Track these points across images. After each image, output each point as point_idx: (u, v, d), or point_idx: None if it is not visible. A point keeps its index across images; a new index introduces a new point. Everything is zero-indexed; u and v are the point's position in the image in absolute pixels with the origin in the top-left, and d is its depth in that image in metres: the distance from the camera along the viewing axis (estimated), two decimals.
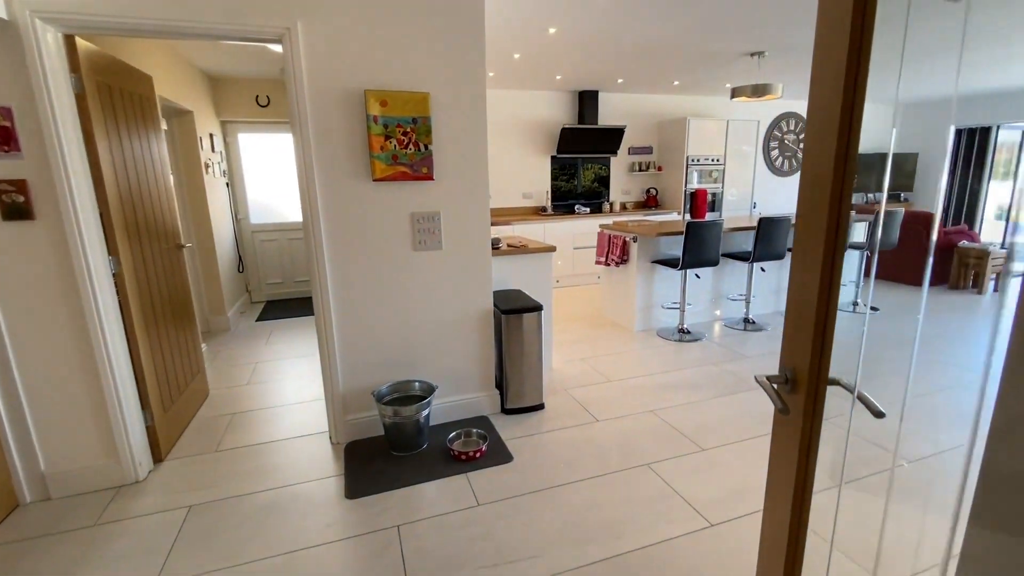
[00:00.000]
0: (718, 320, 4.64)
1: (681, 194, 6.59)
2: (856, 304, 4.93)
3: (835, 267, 0.79)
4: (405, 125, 2.39)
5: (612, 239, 4.44)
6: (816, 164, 0.82)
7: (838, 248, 0.79)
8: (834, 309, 0.83)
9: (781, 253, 4.19)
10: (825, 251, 0.79)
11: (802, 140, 7.11)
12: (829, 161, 0.79)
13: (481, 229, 2.64)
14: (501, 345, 2.81)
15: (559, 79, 5.54)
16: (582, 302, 5.43)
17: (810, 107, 0.84)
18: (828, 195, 0.79)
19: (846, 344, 1.36)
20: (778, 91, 4.45)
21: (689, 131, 6.38)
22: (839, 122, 0.76)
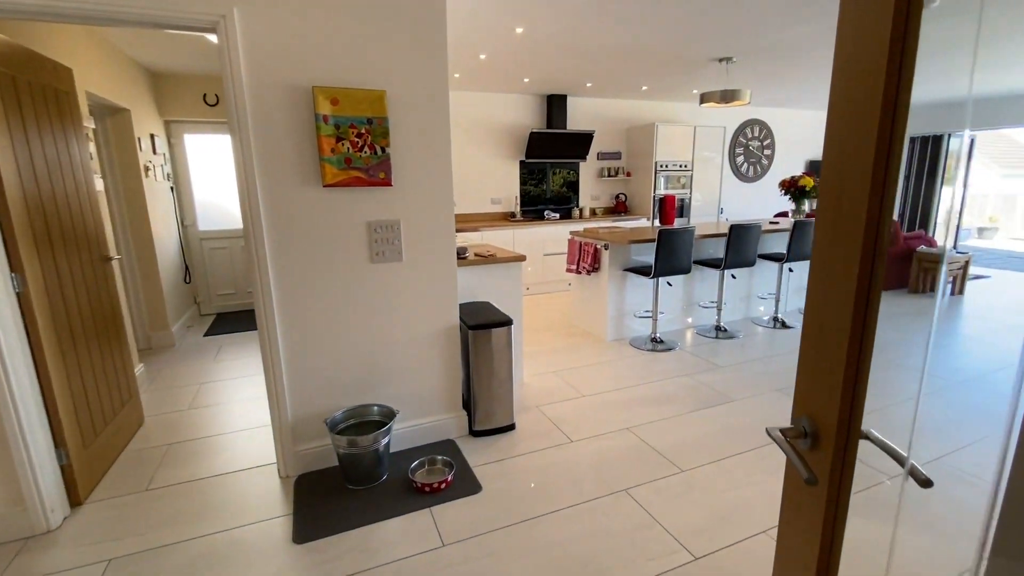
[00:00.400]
0: (690, 328, 4.57)
1: (650, 200, 6.55)
2: None
3: (872, 292, 0.64)
4: (359, 126, 2.18)
5: (583, 247, 4.31)
6: (844, 161, 0.67)
7: (876, 268, 0.64)
8: (870, 346, 0.68)
9: (752, 260, 4.15)
10: (860, 272, 0.64)
11: (767, 147, 7.20)
12: (866, 154, 0.63)
13: (445, 238, 2.45)
14: (469, 363, 2.62)
15: (527, 82, 5.41)
16: (553, 310, 5.28)
17: (836, 80, 0.70)
18: (865, 199, 0.64)
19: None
20: (746, 97, 4.43)
21: (657, 137, 6.36)
22: (883, 96, 0.61)
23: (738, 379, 3.40)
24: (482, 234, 5.57)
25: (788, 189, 5.06)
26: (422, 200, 2.36)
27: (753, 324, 4.69)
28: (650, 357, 3.85)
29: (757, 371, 3.54)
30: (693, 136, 6.60)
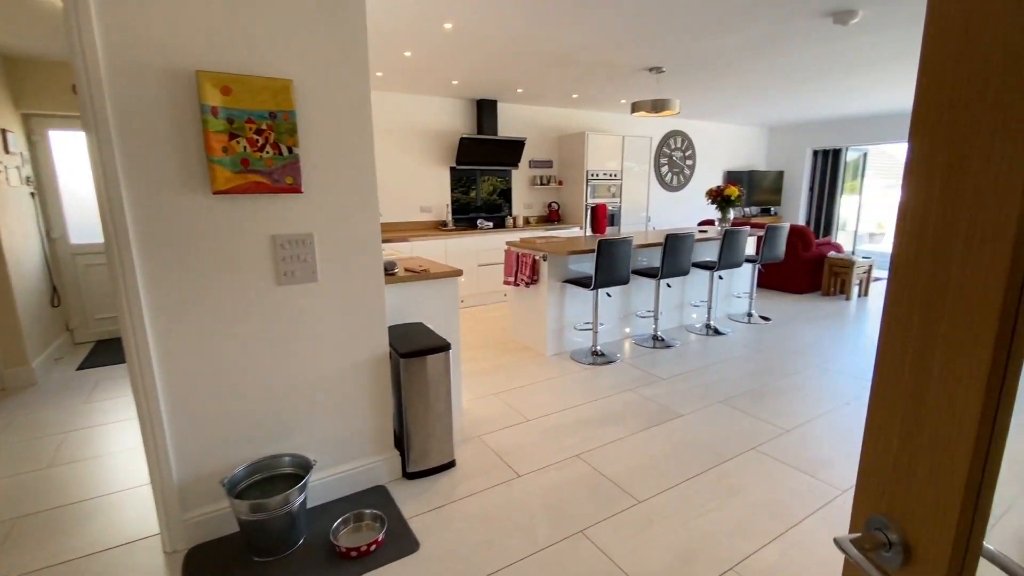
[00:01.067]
0: (628, 338, 4.51)
1: (582, 208, 6.52)
2: (751, 315, 5.11)
3: (1009, 372, 0.44)
4: (259, 120, 1.81)
5: (521, 258, 4.10)
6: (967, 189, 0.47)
7: (1017, 339, 0.44)
8: (1001, 443, 0.47)
9: (686, 269, 4.15)
10: (998, 341, 0.44)
11: (688, 157, 7.43)
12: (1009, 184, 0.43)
13: (370, 253, 2.12)
14: (401, 395, 2.29)
15: (456, 85, 5.15)
16: (490, 324, 5.03)
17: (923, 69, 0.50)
18: (1009, 246, 0.43)
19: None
20: (676, 107, 4.46)
21: (588, 146, 6.34)
22: None
23: (682, 392, 3.33)
24: (411, 244, 5.21)
25: (715, 198, 5.18)
26: (340, 209, 2.02)
27: (687, 332, 4.72)
28: (593, 372, 3.70)
29: (698, 382, 3.49)
30: (622, 146, 6.67)
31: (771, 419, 2.94)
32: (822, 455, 2.55)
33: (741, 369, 3.73)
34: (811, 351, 4.12)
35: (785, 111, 7.22)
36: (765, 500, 2.18)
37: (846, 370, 3.70)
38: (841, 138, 8.33)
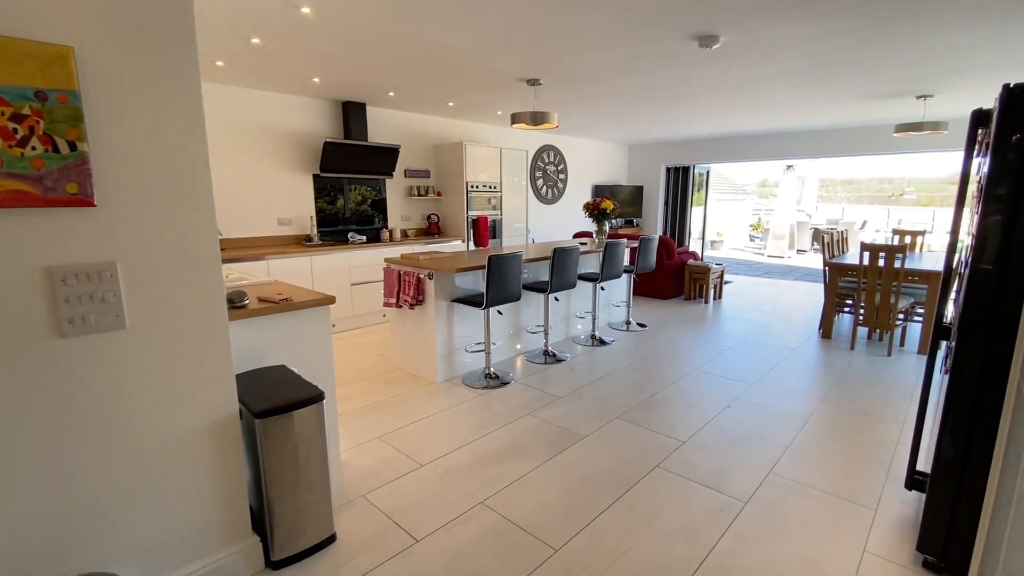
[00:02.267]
0: (519, 355, 4.35)
1: (463, 221, 6.28)
2: (629, 323, 5.30)
3: None
4: (19, 102, 1.24)
5: (403, 276, 3.70)
6: None
7: None
8: None
9: (573, 282, 4.12)
10: None
11: (561, 171, 7.61)
12: None
13: (207, 284, 1.61)
14: (259, 464, 1.79)
15: (318, 83, 4.58)
16: (368, 351, 4.52)
17: None
18: None
19: None
20: (555, 120, 4.45)
21: (466, 156, 6.13)
22: None
23: (579, 410, 3.23)
24: (268, 263, 4.49)
25: (592, 211, 5.30)
26: (159, 228, 1.49)
27: (574, 343, 4.71)
28: (488, 397, 3.45)
29: (594, 397, 3.43)
30: (500, 158, 6.59)
31: (666, 431, 2.95)
32: (719, 465, 2.58)
33: (629, 380, 3.77)
34: (685, 355, 4.34)
35: (645, 130, 7.80)
36: (678, 526, 2.11)
37: (717, 372, 3.94)
38: (689, 156, 9.27)
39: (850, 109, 5.92)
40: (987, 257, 1.62)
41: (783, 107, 5.81)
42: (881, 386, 3.65)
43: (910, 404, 3.34)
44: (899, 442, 2.84)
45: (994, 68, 4.07)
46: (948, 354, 1.98)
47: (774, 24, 3.05)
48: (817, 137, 7.83)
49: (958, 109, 5.83)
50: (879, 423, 3.06)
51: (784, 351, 4.49)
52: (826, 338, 4.90)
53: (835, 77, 4.38)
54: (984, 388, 1.67)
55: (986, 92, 5.00)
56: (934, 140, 6.69)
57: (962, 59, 3.81)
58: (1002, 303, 1.60)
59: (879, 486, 2.40)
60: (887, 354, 4.38)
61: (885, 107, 5.75)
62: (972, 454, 1.73)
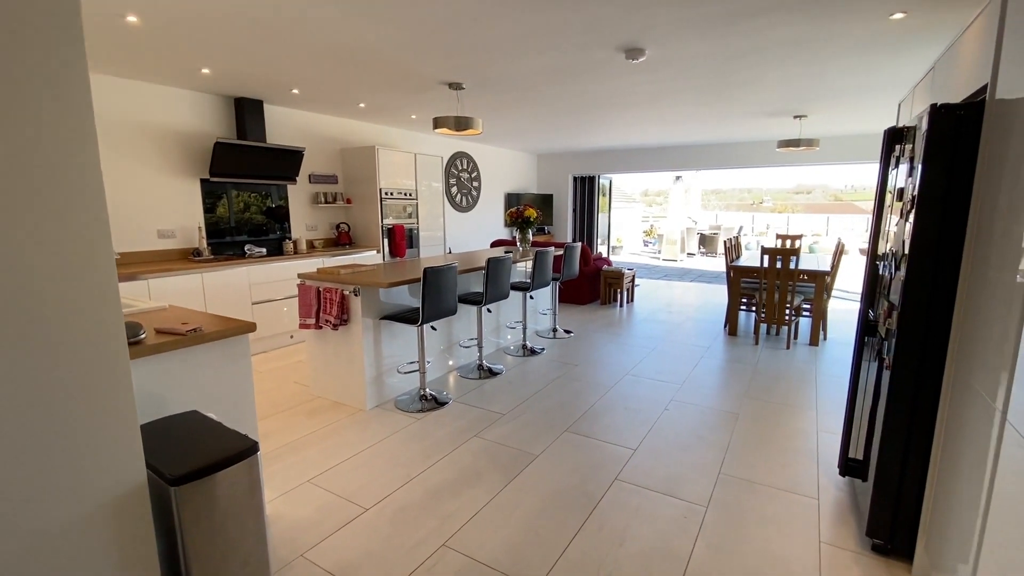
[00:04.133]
0: (453, 371, 4.12)
1: (378, 230, 5.89)
2: (555, 330, 5.31)
3: None
4: None
5: (323, 294, 3.32)
6: None
7: None
8: None
9: (506, 292, 4.00)
10: None
11: (475, 179, 7.51)
12: None
13: (103, 314, 1.22)
14: (177, 543, 1.41)
15: (207, 74, 3.99)
16: (281, 379, 4.00)
17: None
18: None
19: None
20: (479, 126, 4.31)
21: (379, 161, 5.77)
22: None
23: (526, 427, 3.10)
24: (149, 283, 3.80)
25: (516, 220, 5.24)
26: (22, 240, 1.10)
27: (505, 355, 4.59)
28: (427, 421, 3.19)
29: (538, 411, 3.33)
30: (415, 164, 6.30)
31: (616, 440, 2.93)
32: (672, 471, 2.60)
33: (568, 389, 3.73)
34: (614, 360, 4.43)
35: (555, 140, 7.96)
36: (651, 543, 2.06)
37: (647, 375, 4.05)
38: (595, 167, 9.66)
39: (740, 125, 6.53)
40: (924, 256, 1.76)
41: (686, 122, 6.24)
42: (789, 378, 3.98)
43: (815, 393, 3.67)
44: (817, 429, 3.09)
45: (853, 94, 4.69)
46: (880, 348, 2.16)
47: (693, 42, 3.21)
48: (710, 150, 8.56)
49: (825, 129, 6.69)
50: (797, 413, 3.32)
51: (699, 350, 4.76)
52: (732, 335, 5.30)
53: (733, 95, 4.77)
54: (922, 380, 1.82)
55: (846, 114, 5.78)
56: (808, 155, 7.63)
57: (831, 85, 4.33)
58: (937, 298, 1.76)
59: (814, 475, 2.57)
60: (786, 347, 4.83)
61: (768, 125, 6.42)
62: (913, 442, 1.88)
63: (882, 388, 2.07)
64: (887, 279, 2.11)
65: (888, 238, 2.16)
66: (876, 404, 2.24)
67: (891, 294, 2.00)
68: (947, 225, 1.71)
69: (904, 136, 2.10)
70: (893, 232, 2.08)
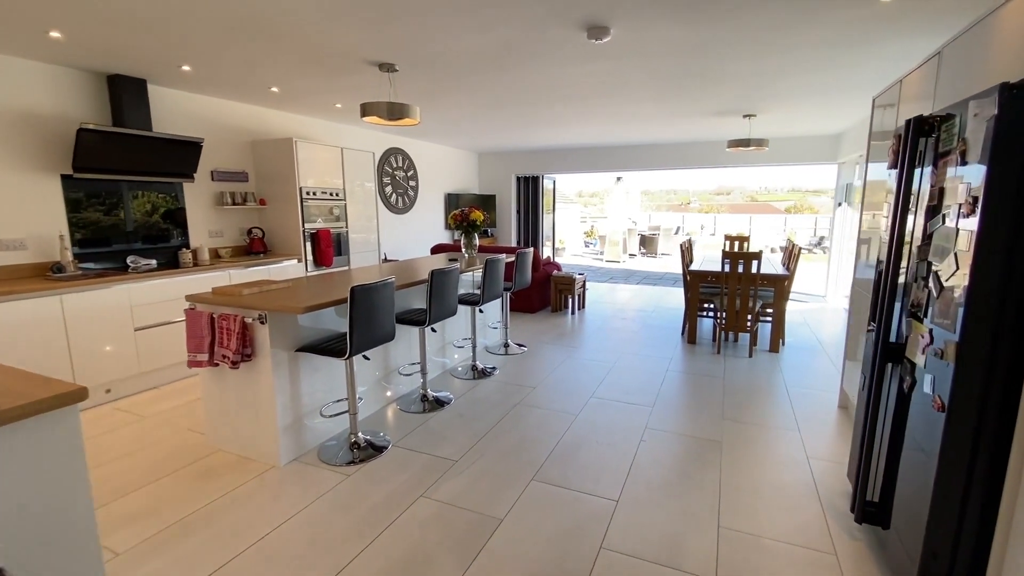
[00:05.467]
0: (391, 404, 3.49)
1: (299, 235, 5.10)
2: (507, 345, 4.79)
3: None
4: None
5: (219, 322, 2.58)
6: None
7: None
8: None
9: (454, 308, 3.43)
10: None
11: (411, 177, 6.85)
12: None
13: None
14: None
15: (59, 40, 3.10)
16: (169, 425, 3.19)
17: None
18: None
19: None
20: (416, 115, 3.70)
21: (298, 156, 4.98)
22: None
23: (485, 476, 2.56)
24: None
25: (459, 223, 4.68)
26: None
27: (453, 378, 4.02)
28: (360, 477, 2.56)
29: (497, 453, 2.79)
30: (342, 159, 5.54)
31: (593, 487, 2.46)
32: (667, 528, 2.16)
33: (529, 421, 3.22)
34: (574, 380, 3.98)
35: (497, 137, 7.45)
36: None
37: (613, 396, 3.63)
38: (539, 167, 9.26)
39: (690, 125, 6.33)
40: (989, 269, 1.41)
41: (635, 120, 5.94)
42: (761, 393, 3.71)
43: (792, 409, 3.41)
44: (807, 456, 2.78)
45: (812, 93, 4.55)
46: (906, 379, 1.82)
47: (663, 24, 2.80)
48: (656, 150, 8.39)
49: (772, 130, 6.64)
50: (781, 436, 3.01)
51: (662, 362, 4.42)
52: (691, 343, 5.03)
53: (689, 89, 4.47)
54: (985, 425, 1.47)
55: (795, 115, 5.70)
56: (756, 156, 7.63)
57: (795, 82, 4.13)
58: (1005, 322, 1.41)
59: (822, 520, 2.22)
60: (748, 355, 4.61)
61: (716, 124, 6.27)
62: (971, 503, 1.53)
63: (912, 426, 1.73)
64: (918, 295, 1.77)
65: (894, 244, 1.82)
66: (898, 443, 1.91)
67: (931, 314, 1.66)
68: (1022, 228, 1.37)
69: (933, 127, 1.76)
70: (910, 237, 1.74)
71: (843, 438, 2.99)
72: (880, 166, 2.93)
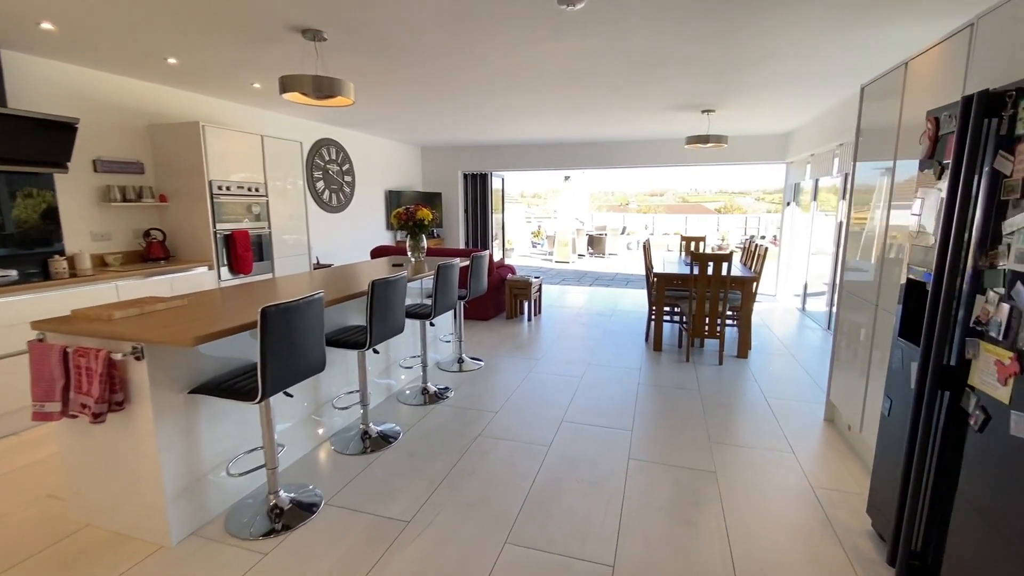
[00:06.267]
0: (323, 444, 2.87)
1: (209, 237, 4.30)
2: (462, 360, 4.26)
3: None
4: None
5: (75, 360, 1.88)
6: None
7: None
8: None
9: (400, 324, 2.87)
10: None
11: (347, 172, 6.15)
12: None
13: None
14: None
15: None
16: (25, 489, 2.40)
17: None
18: None
19: None
20: (350, 92, 3.10)
21: (207, 144, 4.19)
22: None
23: (447, 543, 2.03)
24: None
25: (405, 223, 4.08)
26: None
27: (400, 404, 3.45)
28: (281, 555, 1.95)
29: (459, 505, 2.27)
30: (262, 149, 4.78)
31: (580, 550, 1.99)
32: None
33: (495, 458, 2.72)
34: (540, 401, 3.52)
35: (442, 130, 6.88)
36: None
37: (586, 419, 3.21)
38: (487, 163, 8.75)
39: (646, 120, 6.05)
40: None
41: (590, 112, 5.58)
42: (742, 407, 3.42)
43: (780, 427, 3.13)
44: (811, 484, 2.47)
45: (771, 86, 4.36)
46: (974, 414, 1.49)
47: None
48: (607, 148, 8.12)
49: (730, 127, 6.51)
50: (777, 461, 2.69)
51: (631, 374, 4.06)
52: (657, 350, 4.73)
53: (655, 79, 4.14)
54: None
55: (750, 110, 5.56)
56: (712, 154, 7.51)
57: (755, 74, 3.90)
58: None
59: (849, 570, 1.88)
60: (719, 363, 4.35)
61: (673, 119, 6.04)
62: None
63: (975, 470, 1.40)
64: (986, 309, 1.44)
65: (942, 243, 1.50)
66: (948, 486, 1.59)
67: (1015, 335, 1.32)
68: None
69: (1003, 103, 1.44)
70: None
71: (841, 459, 2.72)
72: (870, 164, 2.68)
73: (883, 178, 2.53)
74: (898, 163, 2.37)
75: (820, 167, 5.89)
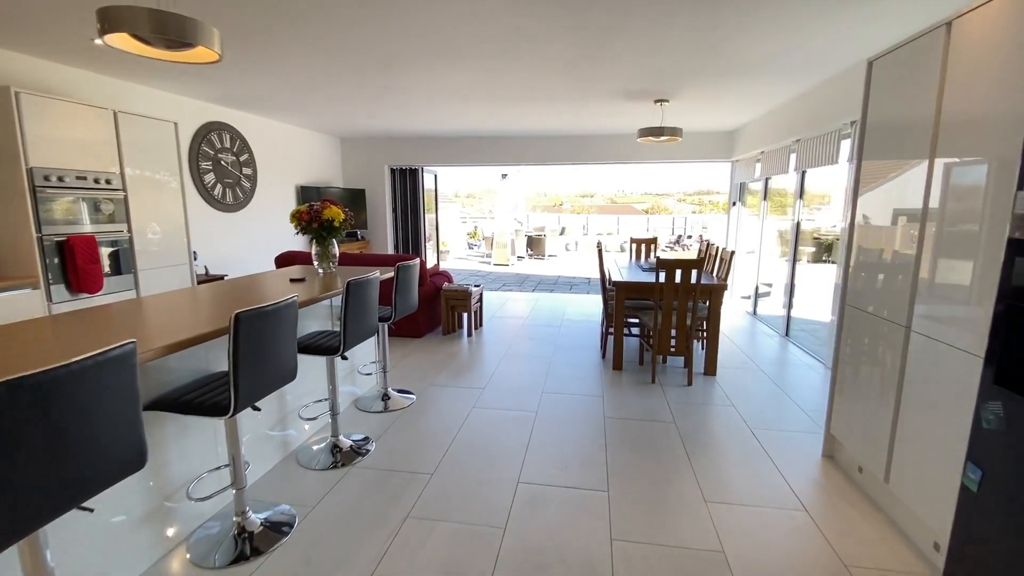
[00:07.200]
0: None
1: (33, 247, 3.16)
2: (387, 396, 3.42)
3: None
4: None
5: None
6: None
7: None
8: None
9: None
10: None
11: (245, 164, 5.04)
12: None
13: None
14: None
15: None
16: None
17: None
18: None
19: None
20: (213, 43, 2.18)
21: (23, 117, 3.06)
22: None
23: None
24: None
25: (308, 225, 3.18)
26: None
27: (300, 469, 2.57)
28: None
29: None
30: (115, 128, 3.66)
31: None
32: None
33: (432, 550, 1.94)
34: (488, 452, 2.78)
35: (362, 119, 5.94)
36: None
37: (546, 478, 2.51)
38: (416, 157, 7.88)
39: (594, 109, 5.48)
40: None
41: (538, 101, 4.91)
42: (728, 445, 2.87)
43: (774, 466, 2.60)
44: (846, 563, 1.92)
45: (716, 76, 3.90)
46: None
47: None
48: (550, 143, 7.52)
49: (673, 122, 6.08)
50: (790, 525, 2.13)
51: (594, 402, 3.44)
52: (618, 369, 4.15)
53: (612, 56, 3.53)
54: None
55: (704, 103, 5.14)
56: (659, 152, 7.09)
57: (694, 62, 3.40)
58: None
59: None
60: (687, 383, 3.83)
61: (624, 111, 5.51)
62: None
63: None
64: None
65: None
66: None
67: None
68: None
69: None
70: None
71: (864, 518, 2.20)
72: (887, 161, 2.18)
73: (911, 175, 2.02)
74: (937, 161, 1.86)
75: (772, 165, 5.60)
